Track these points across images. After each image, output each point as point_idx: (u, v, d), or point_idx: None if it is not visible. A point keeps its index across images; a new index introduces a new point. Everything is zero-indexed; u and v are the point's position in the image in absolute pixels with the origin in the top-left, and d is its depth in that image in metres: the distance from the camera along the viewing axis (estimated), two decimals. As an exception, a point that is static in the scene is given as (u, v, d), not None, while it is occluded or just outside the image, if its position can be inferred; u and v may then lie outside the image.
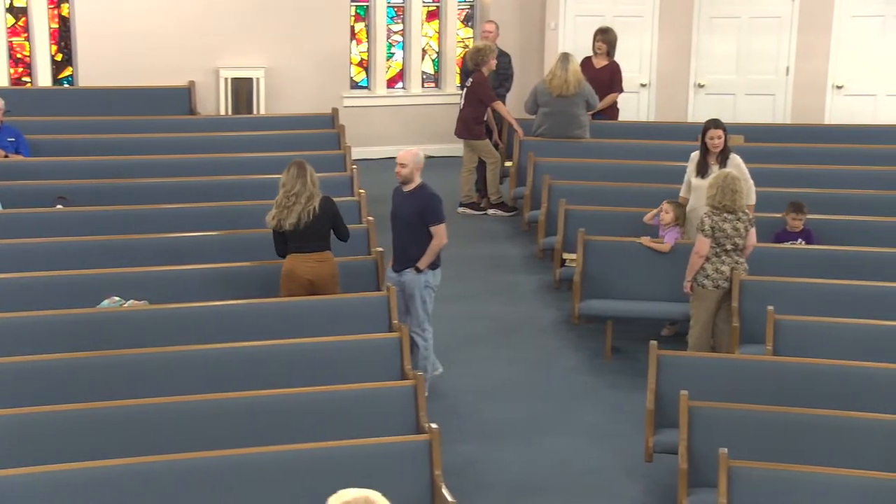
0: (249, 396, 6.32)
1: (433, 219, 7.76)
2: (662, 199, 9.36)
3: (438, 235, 7.78)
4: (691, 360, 7.03)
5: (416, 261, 7.78)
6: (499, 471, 7.10)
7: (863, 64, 13.24)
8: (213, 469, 5.63)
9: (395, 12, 14.00)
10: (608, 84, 11.74)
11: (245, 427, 6.15)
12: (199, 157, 10.59)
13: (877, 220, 9.32)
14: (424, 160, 7.94)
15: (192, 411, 6.14)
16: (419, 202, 7.77)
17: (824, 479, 5.63)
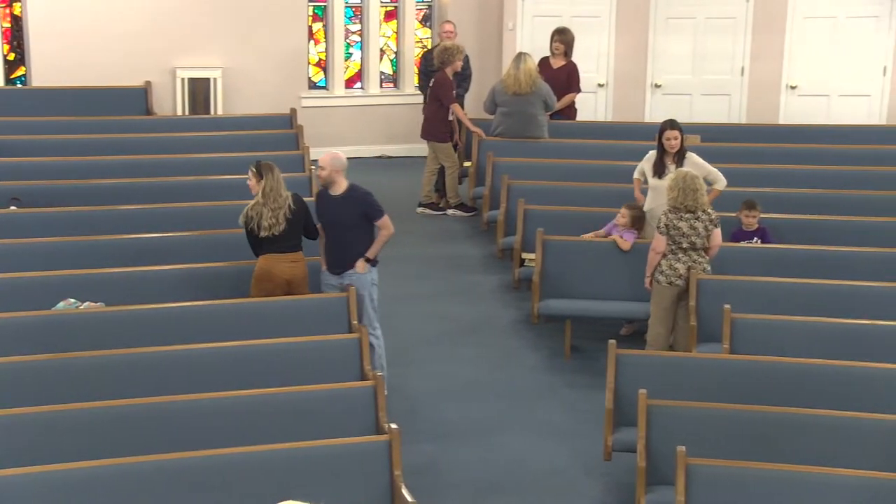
0: (207, 398, 6.28)
1: (377, 214, 7.79)
2: (621, 198, 9.42)
3: (386, 227, 7.81)
4: (650, 359, 7.07)
5: (354, 259, 7.75)
6: (458, 470, 7.11)
7: (816, 65, 13.38)
8: (174, 470, 5.60)
9: (353, 12, 13.98)
10: (566, 84, 11.79)
11: (204, 428, 6.12)
12: (156, 158, 10.52)
13: (831, 219, 9.42)
14: (346, 162, 7.92)
15: (151, 413, 6.11)
16: (358, 204, 7.78)
17: (781, 476, 5.68)
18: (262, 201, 7.64)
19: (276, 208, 7.64)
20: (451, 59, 11.44)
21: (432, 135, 11.64)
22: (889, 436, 6.05)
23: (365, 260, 7.78)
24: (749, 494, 5.66)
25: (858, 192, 10.09)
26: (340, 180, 7.82)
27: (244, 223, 7.71)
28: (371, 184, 12.74)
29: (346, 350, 7.05)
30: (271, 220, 7.64)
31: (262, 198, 7.65)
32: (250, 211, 7.67)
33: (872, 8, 13.21)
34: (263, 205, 7.63)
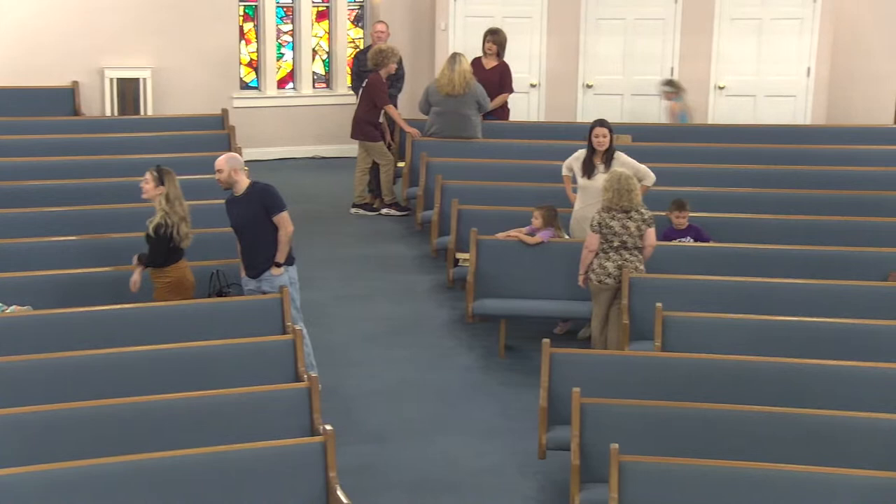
0: (142, 401, 6.21)
1: (274, 208, 7.66)
2: (553, 198, 9.48)
3: (283, 224, 7.68)
4: (583, 358, 7.12)
5: (271, 260, 7.71)
6: (394, 470, 7.11)
7: (743, 65, 13.57)
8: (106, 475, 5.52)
9: (285, 12, 13.90)
10: (498, 84, 11.83)
11: (138, 432, 6.05)
12: (84, 160, 10.37)
13: (760, 218, 9.56)
14: (242, 161, 7.86)
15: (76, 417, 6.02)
16: (257, 198, 7.68)
17: (713, 472, 5.75)
18: (168, 209, 7.54)
19: (187, 217, 7.60)
20: (386, 61, 11.43)
21: (363, 134, 11.62)
22: (822, 429, 6.15)
23: (276, 264, 7.71)
24: (682, 491, 5.72)
25: (785, 190, 10.25)
26: (241, 179, 7.74)
27: (161, 231, 7.54)
28: (304, 185, 12.85)
29: (279, 351, 7.01)
30: (186, 231, 7.60)
31: (168, 205, 7.54)
32: (168, 219, 7.54)
33: (796, 10, 13.43)
34: (174, 213, 7.54)
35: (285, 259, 7.75)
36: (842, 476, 5.68)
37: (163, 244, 7.56)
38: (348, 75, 13.47)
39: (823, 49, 13.32)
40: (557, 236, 9.02)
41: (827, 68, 13.35)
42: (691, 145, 11.63)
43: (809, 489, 5.65)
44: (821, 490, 5.64)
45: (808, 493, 5.64)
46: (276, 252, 7.68)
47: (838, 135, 12.22)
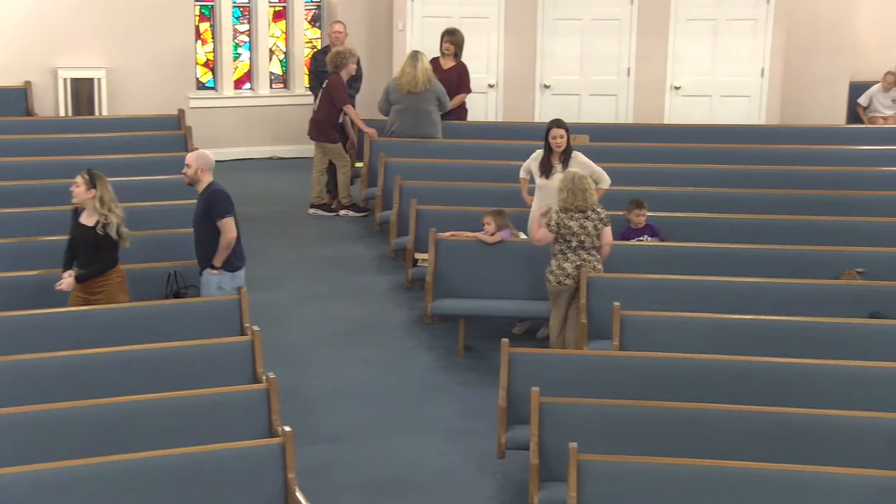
0: (98, 404, 6.15)
1: (217, 214, 7.66)
2: (511, 198, 9.51)
3: (225, 230, 7.67)
4: (542, 357, 7.14)
5: (209, 261, 7.69)
6: (353, 471, 7.09)
7: (698, 66, 13.67)
8: (61, 478, 5.47)
9: (241, 12, 13.83)
10: (456, 85, 11.84)
11: (93, 435, 5.99)
12: (37, 161, 10.26)
13: (716, 217, 9.62)
14: (213, 161, 7.86)
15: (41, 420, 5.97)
16: (205, 199, 7.73)
17: (672, 470, 5.78)
18: (106, 211, 7.50)
19: (123, 219, 7.57)
20: (345, 62, 11.42)
21: (322, 135, 11.59)
22: (780, 426, 6.20)
23: (211, 268, 7.69)
24: (640, 489, 5.76)
25: (740, 190, 10.34)
26: (205, 179, 7.78)
27: (110, 230, 7.50)
28: (262, 185, 12.80)
29: (238, 353, 6.97)
30: (126, 231, 7.58)
31: (104, 207, 7.50)
32: (113, 218, 7.51)
33: (750, 11, 13.55)
34: (113, 214, 7.51)
35: (223, 264, 7.70)
36: (800, 473, 5.73)
37: (114, 244, 7.54)
38: (306, 75, 13.42)
39: (777, 50, 13.45)
40: (514, 236, 9.04)
41: (780, 69, 13.48)
42: (648, 145, 11.70)
43: (768, 486, 5.69)
44: (780, 487, 5.69)
45: (767, 490, 5.69)
46: (214, 249, 7.68)
47: (792, 135, 12.35)
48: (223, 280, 7.73)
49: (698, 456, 5.96)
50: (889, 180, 10.70)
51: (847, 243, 9.06)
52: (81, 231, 7.56)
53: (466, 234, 9.06)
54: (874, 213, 9.74)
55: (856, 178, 10.74)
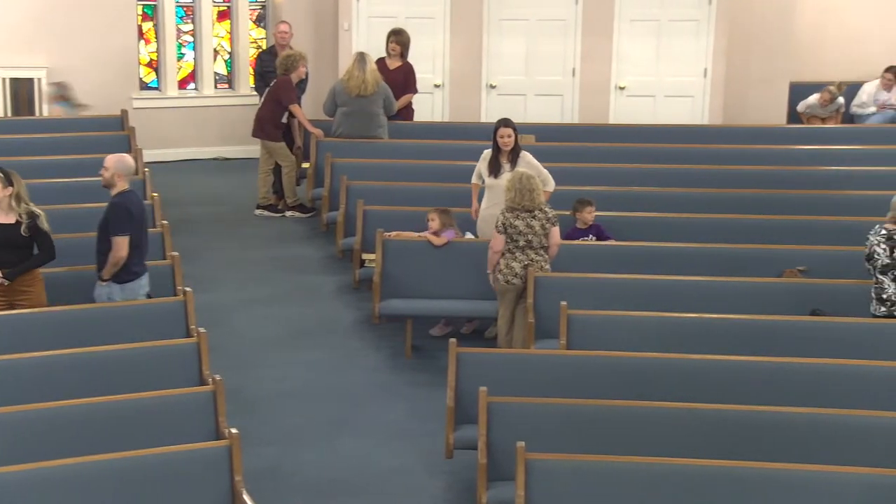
0: (42, 408, 6.08)
1: (112, 229, 7.50)
2: (458, 198, 9.53)
3: (116, 247, 7.49)
4: (490, 357, 7.16)
5: (101, 269, 7.60)
6: (301, 473, 7.07)
7: (642, 66, 13.78)
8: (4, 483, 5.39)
9: (185, 12, 13.72)
10: (402, 85, 11.84)
11: (36, 439, 5.92)
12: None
13: (661, 216, 9.71)
14: (132, 167, 7.72)
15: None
16: (107, 209, 7.60)
17: (620, 469, 5.82)
18: (21, 209, 7.42)
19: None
20: (296, 65, 11.40)
21: (266, 134, 11.54)
22: (725, 424, 6.27)
23: (100, 278, 7.60)
24: (588, 487, 5.79)
25: (684, 189, 10.44)
26: (120, 185, 7.62)
27: (40, 223, 7.49)
28: (208, 186, 12.72)
29: (183, 355, 6.92)
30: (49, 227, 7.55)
31: (19, 204, 7.43)
32: (39, 211, 7.50)
33: (692, 12, 13.68)
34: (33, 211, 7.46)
35: (110, 276, 7.57)
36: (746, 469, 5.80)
37: (48, 236, 7.50)
38: (251, 76, 13.34)
39: (719, 50, 13.60)
40: (458, 235, 9.07)
41: (723, 69, 13.63)
42: (593, 145, 11.77)
43: (713, 483, 5.75)
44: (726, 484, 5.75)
45: (713, 487, 5.75)
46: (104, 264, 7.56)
47: (734, 134, 12.49)
48: (112, 292, 7.59)
49: (645, 454, 6.01)
50: (829, 179, 10.86)
51: (788, 242, 9.18)
52: (1, 230, 7.44)
53: (410, 234, 9.07)
54: (815, 212, 9.88)
55: (797, 178, 10.89)
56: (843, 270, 8.35)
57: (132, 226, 7.54)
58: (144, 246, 7.71)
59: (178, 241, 9.20)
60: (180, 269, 8.18)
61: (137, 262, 7.65)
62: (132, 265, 7.60)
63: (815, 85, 13.92)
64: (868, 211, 9.18)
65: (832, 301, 8.03)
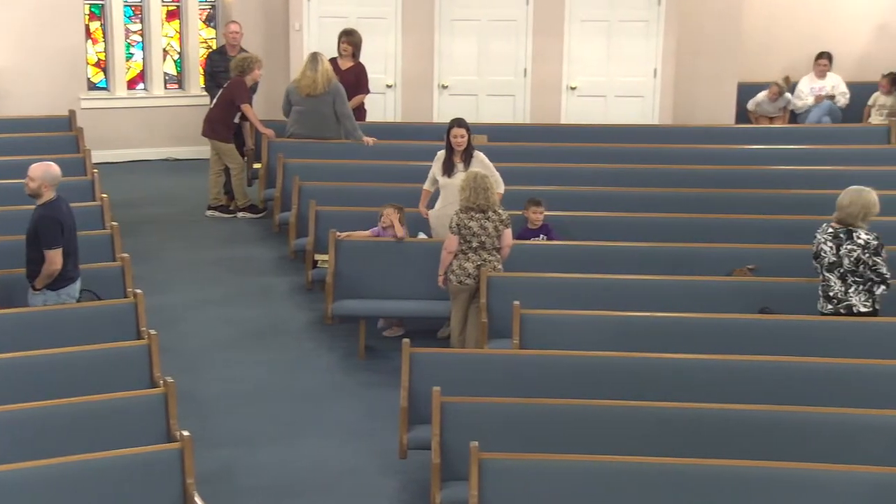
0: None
1: (44, 243, 7.36)
2: (411, 197, 9.52)
3: (49, 261, 7.36)
4: (443, 357, 7.17)
5: (33, 278, 7.48)
6: (254, 475, 7.04)
7: (593, 67, 13.86)
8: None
9: (133, 11, 13.59)
10: (354, 85, 11.81)
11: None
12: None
13: (612, 216, 9.76)
14: (59, 176, 7.54)
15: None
16: (35, 222, 7.44)
17: (573, 467, 5.86)
18: None
19: None
20: (251, 67, 11.37)
21: (216, 133, 11.48)
22: (675, 422, 6.32)
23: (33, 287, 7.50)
24: (541, 486, 5.82)
25: (636, 189, 10.50)
26: (46, 195, 7.47)
27: None
28: (158, 187, 12.62)
29: (134, 357, 6.87)
30: None
31: None
32: None
33: (642, 13, 13.78)
34: None
35: (43, 285, 7.46)
36: (698, 466, 5.86)
37: None
38: (201, 76, 13.25)
39: (668, 51, 13.71)
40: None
41: (672, 69, 13.74)
42: (545, 145, 11.82)
43: (668, 481, 5.80)
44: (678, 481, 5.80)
45: (667, 484, 5.80)
46: (38, 270, 7.42)
47: (683, 134, 12.59)
48: (48, 298, 7.49)
49: (598, 452, 6.05)
50: (778, 179, 10.98)
51: (738, 241, 9.27)
52: None
53: (361, 233, 9.04)
54: (764, 211, 9.98)
55: (746, 177, 11.00)
56: (792, 269, 8.44)
57: (63, 237, 7.42)
58: (76, 251, 7.58)
59: (128, 243, 9.13)
60: (130, 271, 8.11)
61: (72, 267, 7.55)
62: (67, 271, 7.50)
63: (762, 85, 14.06)
64: (815, 210, 9.30)
65: (781, 299, 8.12)
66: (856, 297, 7.54)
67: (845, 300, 7.56)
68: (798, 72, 13.89)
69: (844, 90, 13.60)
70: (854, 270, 7.50)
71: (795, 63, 13.91)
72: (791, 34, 14.30)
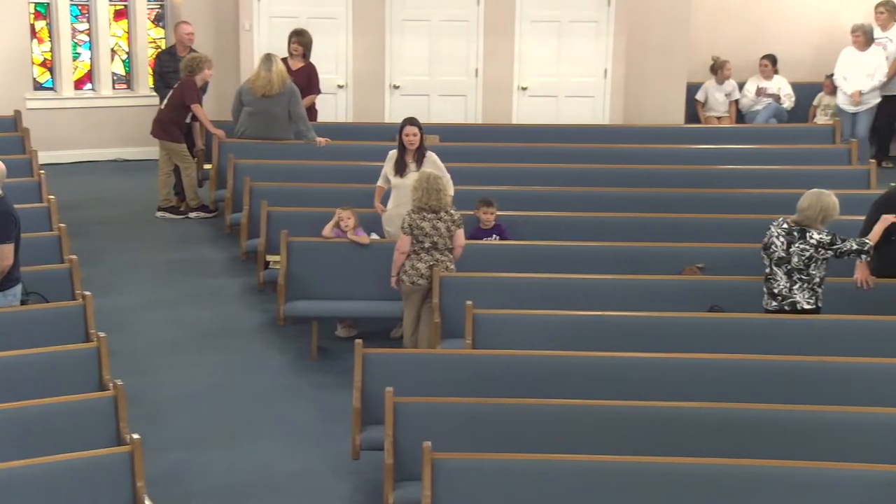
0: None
1: None
2: (362, 198, 9.51)
3: (0, 256, 7.23)
4: (395, 357, 7.17)
5: None
6: (205, 477, 7.00)
7: (544, 67, 13.91)
8: None
9: (80, 10, 13.45)
10: (305, 86, 11.77)
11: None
12: None
13: (562, 216, 9.80)
14: (4, 172, 7.40)
15: None
16: None
17: (526, 466, 5.88)
18: None
19: None
20: (201, 67, 11.31)
21: (166, 134, 11.40)
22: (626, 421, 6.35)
23: None
24: (495, 486, 5.83)
25: (587, 189, 10.55)
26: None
27: None
28: (107, 188, 12.50)
29: (83, 360, 6.80)
30: None
31: None
32: None
33: (592, 13, 13.84)
34: None
35: None
36: (646, 465, 5.91)
37: None
38: (150, 76, 13.14)
39: (618, 51, 13.78)
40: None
41: (622, 70, 13.81)
42: (497, 145, 11.84)
43: (616, 480, 5.85)
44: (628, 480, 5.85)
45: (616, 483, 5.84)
46: None
47: (634, 134, 12.67)
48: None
49: (550, 451, 6.07)
50: (726, 178, 11.08)
51: (688, 240, 9.34)
52: None
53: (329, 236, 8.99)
54: (713, 210, 10.06)
55: (695, 177, 11.08)
56: (741, 267, 8.53)
57: (17, 233, 7.32)
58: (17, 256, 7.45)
59: (76, 245, 9.03)
60: (79, 273, 8.03)
61: (17, 267, 7.43)
62: (13, 271, 7.39)
63: (709, 83, 14.23)
64: (763, 209, 9.40)
65: (730, 297, 8.19)
66: (799, 294, 7.63)
67: (790, 297, 7.65)
68: (745, 72, 14.04)
69: (790, 92, 13.77)
70: (802, 269, 7.59)
71: (743, 64, 14.05)
72: (738, 36, 14.43)
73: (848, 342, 7.44)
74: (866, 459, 6.02)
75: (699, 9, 14.32)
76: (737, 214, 9.86)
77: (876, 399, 6.71)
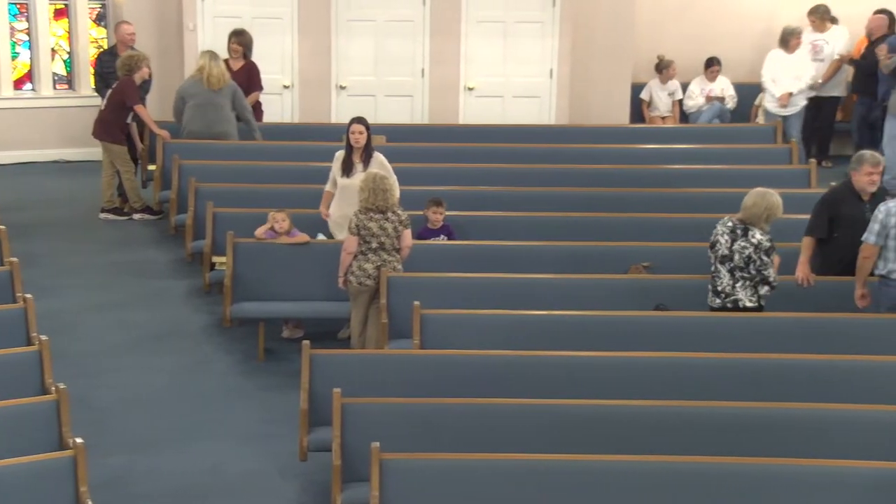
0: None
1: None
2: (309, 198, 9.47)
3: None
4: (343, 358, 7.15)
5: None
6: (151, 481, 6.93)
7: (490, 67, 13.94)
8: None
9: (18, 10, 13.26)
10: (246, 84, 11.72)
11: None
12: None
13: (510, 216, 9.84)
14: None
15: None
16: None
17: (475, 466, 5.89)
18: None
19: None
20: (138, 66, 11.22)
21: (108, 135, 11.29)
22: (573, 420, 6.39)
23: None
24: (443, 486, 5.84)
25: (533, 188, 10.60)
26: None
27: None
28: (49, 190, 12.34)
29: (25, 363, 6.70)
30: None
31: None
32: None
33: (537, 14, 13.89)
34: None
35: None
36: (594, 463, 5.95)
37: None
38: (92, 76, 12.99)
39: (564, 52, 13.84)
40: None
41: (568, 70, 13.88)
42: (443, 145, 11.86)
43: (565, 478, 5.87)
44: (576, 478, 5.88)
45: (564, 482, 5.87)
46: None
47: (579, 134, 12.73)
48: None
49: (499, 451, 6.09)
50: (670, 178, 11.18)
51: (633, 239, 9.41)
52: None
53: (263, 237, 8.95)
54: (658, 209, 10.15)
55: (640, 176, 11.17)
56: (686, 266, 8.61)
57: None
58: None
59: (16, 247, 8.89)
60: (20, 275, 7.90)
61: None
62: None
63: (652, 82, 14.35)
64: (707, 208, 9.51)
65: (675, 296, 8.27)
66: (742, 292, 7.71)
67: (732, 295, 7.73)
68: (688, 73, 14.17)
69: (733, 93, 13.93)
70: (743, 267, 7.68)
71: (686, 64, 14.18)
72: (681, 37, 14.57)
73: (790, 339, 7.54)
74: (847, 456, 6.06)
75: (643, 10, 14.43)
76: (681, 213, 9.95)
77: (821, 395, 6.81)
